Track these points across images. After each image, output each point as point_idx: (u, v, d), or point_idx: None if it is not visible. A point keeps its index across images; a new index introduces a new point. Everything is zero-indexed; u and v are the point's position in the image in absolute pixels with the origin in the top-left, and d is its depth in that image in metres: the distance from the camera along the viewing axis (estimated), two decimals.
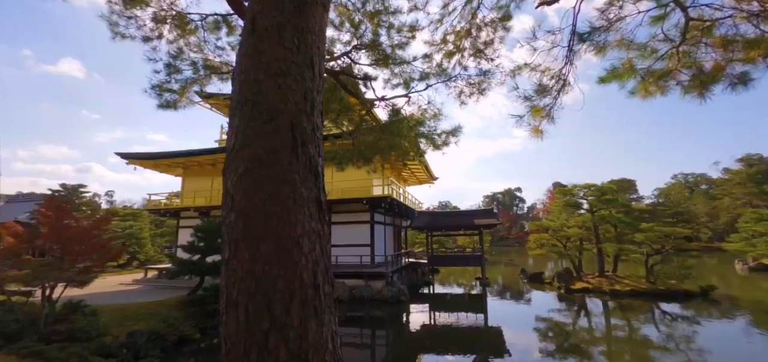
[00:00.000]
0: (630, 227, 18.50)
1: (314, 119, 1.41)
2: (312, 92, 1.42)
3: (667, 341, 10.12)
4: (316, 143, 1.39)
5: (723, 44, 3.02)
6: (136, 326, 9.87)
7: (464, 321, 13.29)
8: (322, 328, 1.20)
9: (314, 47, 1.48)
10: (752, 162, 56.88)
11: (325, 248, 1.33)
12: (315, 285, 1.22)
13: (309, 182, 1.31)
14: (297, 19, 1.45)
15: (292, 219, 1.23)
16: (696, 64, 3.26)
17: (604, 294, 16.60)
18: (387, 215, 20.38)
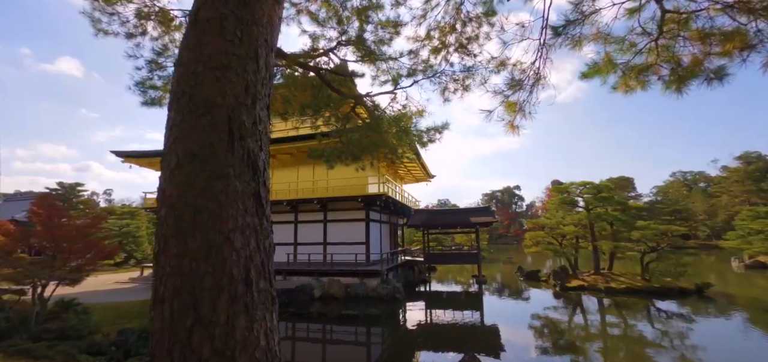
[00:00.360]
0: (626, 225, 18.50)
1: (256, 112, 1.38)
2: (255, 84, 1.39)
3: (661, 338, 10.12)
4: (257, 137, 1.36)
5: (700, 37, 2.99)
6: (128, 324, 9.86)
7: (459, 318, 13.29)
8: (254, 325, 1.17)
9: (260, 39, 1.44)
10: (750, 160, 56.90)
11: (264, 244, 1.31)
12: (247, 281, 1.19)
13: (246, 177, 1.28)
14: (242, 10, 1.42)
15: (224, 214, 1.20)
16: (674, 59, 3.23)
17: (599, 292, 16.61)
18: (383, 213, 20.37)
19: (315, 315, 13.73)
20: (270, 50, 1.52)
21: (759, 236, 24.32)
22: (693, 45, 3.06)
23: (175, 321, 1.11)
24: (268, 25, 1.50)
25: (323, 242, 18.31)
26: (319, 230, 18.48)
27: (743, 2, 2.51)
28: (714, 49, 3.05)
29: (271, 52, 1.54)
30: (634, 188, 68.24)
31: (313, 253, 18.12)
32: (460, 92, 4.80)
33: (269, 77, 1.50)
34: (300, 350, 10.37)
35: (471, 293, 18.38)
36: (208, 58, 1.33)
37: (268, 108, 1.48)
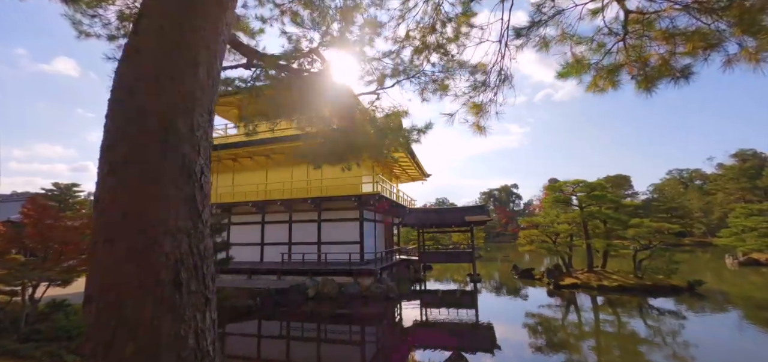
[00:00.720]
0: (619, 223, 18.60)
1: (194, 118, 1.41)
2: (193, 91, 1.42)
3: (649, 334, 10.21)
4: (194, 143, 1.40)
5: (665, 37, 3.03)
6: None
7: (452, 316, 13.35)
8: (182, 325, 1.21)
9: (200, 47, 1.48)
10: (746, 157, 57.22)
11: (198, 247, 1.34)
12: (175, 283, 1.23)
13: (180, 182, 1.31)
14: (184, 19, 1.46)
15: (153, 218, 1.24)
16: (641, 59, 3.28)
17: (591, 290, 16.71)
18: (377, 212, 20.42)
19: (309, 314, 13.78)
20: (213, 57, 1.55)
21: (752, 234, 24.45)
22: (659, 45, 3.10)
23: (101, 320, 1.15)
24: (211, 33, 1.54)
25: (318, 241, 18.35)
26: (314, 229, 18.51)
27: (701, 2, 2.56)
28: (679, 49, 3.09)
29: (215, 59, 1.57)
30: (631, 186, 68.46)
31: (307, 252, 18.16)
32: (439, 93, 4.85)
33: (212, 83, 1.54)
34: (288, 349, 10.42)
35: (465, 291, 18.46)
36: (145, 66, 1.36)
37: (210, 113, 1.52)
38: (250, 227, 19.61)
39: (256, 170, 20.20)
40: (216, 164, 20.59)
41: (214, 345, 1.35)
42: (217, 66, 1.61)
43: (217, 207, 19.54)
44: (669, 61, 3.17)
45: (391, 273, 18.91)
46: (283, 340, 11.22)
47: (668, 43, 2.94)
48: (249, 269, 17.78)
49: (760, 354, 8.74)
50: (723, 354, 8.74)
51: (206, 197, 1.44)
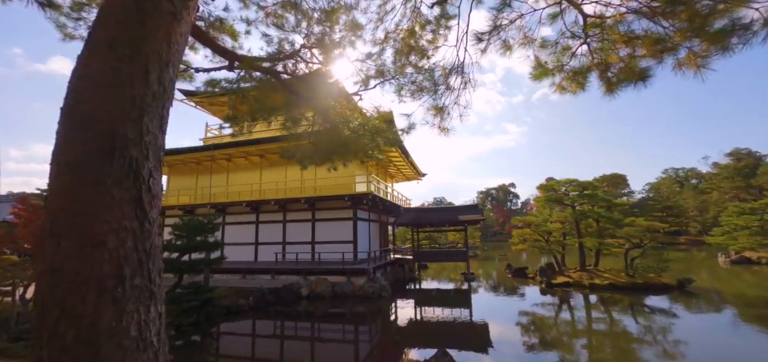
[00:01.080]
0: (611, 222, 18.75)
1: (143, 124, 1.50)
2: (143, 98, 1.51)
3: (635, 331, 10.36)
4: (142, 147, 1.49)
5: (624, 41, 3.13)
6: None
7: (444, 315, 13.45)
8: (123, 316, 1.30)
9: (152, 56, 1.57)
10: (740, 156, 57.58)
11: (143, 244, 1.44)
12: (118, 277, 1.32)
13: (126, 184, 1.40)
14: (135, 30, 1.55)
15: (98, 218, 1.33)
16: (604, 63, 3.38)
17: (583, 288, 16.86)
18: (371, 211, 20.51)
19: (302, 313, 13.86)
20: (165, 65, 1.64)
21: (744, 232, 24.66)
22: (619, 48, 3.20)
23: (46, 311, 1.24)
24: (164, 42, 1.63)
25: (311, 241, 18.43)
26: (308, 229, 18.60)
27: (649, 6, 2.65)
28: (638, 52, 3.19)
29: (167, 67, 1.66)
30: (627, 185, 68.80)
31: (301, 252, 18.25)
32: (417, 94, 4.95)
33: (164, 90, 1.63)
34: (276, 348, 10.50)
35: (459, 290, 18.58)
36: (94, 75, 1.45)
37: (161, 119, 1.61)
38: (244, 227, 19.67)
39: (250, 169, 20.26)
40: (211, 164, 20.63)
41: (160, 335, 1.44)
42: (171, 73, 1.70)
43: (211, 207, 19.61)
44: (629, 64, 3.26)
45: (385, 273, 19.00)
46: (272, 339, 11.29)
47: (627, 46, 3.04)
48: (243, 269, 17.85)
49: (743, 348, 8.88)
50: (708, 349, 8.87)
51: (154, 197, 1.53)
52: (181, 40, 1.78)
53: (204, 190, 20.82)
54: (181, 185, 21.51)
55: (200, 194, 20.81)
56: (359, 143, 6.46)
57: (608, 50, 3.11)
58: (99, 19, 1.59)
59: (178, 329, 10.97)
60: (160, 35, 1.61)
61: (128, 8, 1.58)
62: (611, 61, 3.14)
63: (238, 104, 6.71)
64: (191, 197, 20.87)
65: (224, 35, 5.63)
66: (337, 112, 6.17)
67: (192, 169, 21.45)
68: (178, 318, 11.21)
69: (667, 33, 2.68)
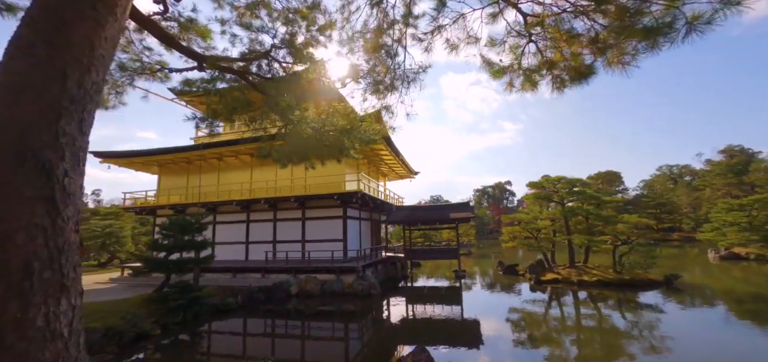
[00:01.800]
0: (600, 219, 18.90)
1: (59, 126, 1.56)
2: (59, 101, 1.58)
3: (617, 326, 10.50)
4: (57, 149, 1.55)
5: (566, 39, 3.21)
6: (95, 323, 9.97)
7: (431, 312, 13.56)
8: (30, 308, 1.37)
9: (70, 61, 1.63)
10: (733, 153, 57.99)
11: (56, 240, 1.50)
12: (27, 272, 1.39)
13: (38, 184, 1.47)
14: (54, 36, 1.61)
15: (8, 215, 1.40)
16: (551, 61, 3.45)
17: (571, 285, 17.00)
18: (362, 210, 20.58)
19: (291, 311, 13.92)
20: (87, 70, 1.70)
21: (733, 229, 24.90)
22: (561, 46, 3.28)
23: None
24: (85, 47, 1.69)
25: (302, 239, 18.49)
26: (298, 227, 18.66)
27: (580, 5, 2.73)
28: (580, 50, 3.26)
29: (89, 72, 1.72)
30: (622, 182, 69.18)
31: (291, 251, 18.30)
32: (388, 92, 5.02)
33: (85, 94, 1.69)
34: (265, 345, 10.57)
35: (449, 288, 18.69)
36: (10, 80, 1.51)
37: (81, 121, 1.67)
38: (235, 226, 19.71)
39: (241, 168, 20.28)
40: (201, 163, 20.63)
41: (72, 326, 1.51)
42: (94, 76, 1.76)
43: (201, 206, 19.62)
44: (573, 63, 3.34)
45: (376, 271, 19.08)
46: (260, 337, 11.35)
47: (569, 44, 3.12)
48: (234, 268, 17.89)
49: (718, 339, 9.01)
50: (686, 344, 8.98)
51: (70, 196, 1.59)
52: (107, 44, 1.84)
53: (195, 189, 20.83)
54: (172, 184, 21.50)
55: (191, 193, 20.81)
56: (334, 143, 6.53)
57: (553, 48, 3.19)
58: (21, 24, 1.65)
59: (165, 328, 11.01)
60: (80, 41, 1.67)
61: (49, 14, 1.64)
62: (556, 60, 3.22)
63: (214, 103, 6.76)
64: (182, 197, 20.88)
65: (197, 37, 5.68)
66: (315, 112, 6.24)
67: (183, 168, 21.44)
68: (164, 317, 11.25)
69: (602, 31, 2.76)
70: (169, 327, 11.18)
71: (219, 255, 19.62)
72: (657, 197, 56.62)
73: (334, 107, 6.61)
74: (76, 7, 1.71)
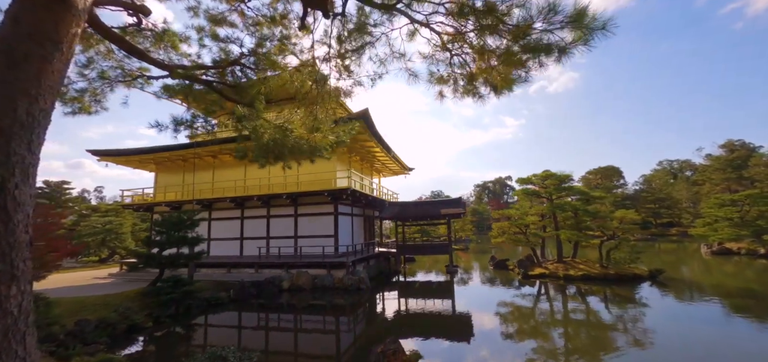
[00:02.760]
0: (588, 214, 19.17)
1: (11, 148, 1.91)
2: (11, 128, 1.93)
3: (591, 318, 10.85)
4: (9, 167, 1.89)
5: (479, 53, 3.53)
6: (90, 316, 10.46)
7: (419, 306, 13.92)
8: None
9: (19, 93, 1.97)
10: (734, 148, 57.65)
11: (8, 239, 1.86)
12: None
13: None
14: (5, 73, 1.97)
15: None
16: (469, 73, 3.77)
17: (558, 279, 17.35)
18: (355, 206, 20.96)
19: (283, 305, 14.35)
20: (35, 99, 2.06)
21: (724, 224, 25.08)
22: (479, 59, 3.61)
23: None
24: (34, 81, 2.05)
25: (294, 235, 18.93)
26: (291, 224, 19.09)
27: (487, 25, 3.05)
28: (493, 62, 3.59)
29: (38, 101, 2.08)
30: (621, 177, 69.03)
31: (284, 246, 18.75)
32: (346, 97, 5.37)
33: (33, 120, 2.05)
34: (252, 337, 11.02)
35: (439, 282, 19.09)
36: None
37: (30, 143, 2.03)
38: (230, 222, 20.18)
39: (235, 166, 20.70)
40: (197, 161, 21.06)
41: (21, 307, 1.88)
42: (42, 104, 2.12)
43: (197, 203, 20.10)
44: (499, 71, 3.66)
45: (368, 266, 19.50)
46: (248, 330, 11.79)
47: (482, 59, 3.45)
48: (228, 264, 18.38)
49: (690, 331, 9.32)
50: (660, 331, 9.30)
51: (20, 205, 1.96)
52: (56, 75, 2.20)
53: (191, 186, 21.30)
54: (168, 181, 21.99)
55: (187, 190, 21.28)
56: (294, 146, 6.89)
57: (472, 62, 3.52)
58: None
59: (157, 320, 11.49)
60: (29, 76, 2.03)
61: (0, 55, 2.01)
62: (476, 73, 3.56)
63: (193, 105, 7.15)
64: (178, 194, 21.36)
65: (170, 48, 6.04)
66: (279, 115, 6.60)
67: (179, 166, 21.91)
68: (157, 310, 11.72)
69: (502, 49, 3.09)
70: (161, 320, 11.66)
71: (214, 251, 20.12)
72: (656, 192, 56.60)
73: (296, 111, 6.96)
74: (25, 48, 2.07)
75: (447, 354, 8.63)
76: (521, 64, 2.92)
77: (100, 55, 6.25)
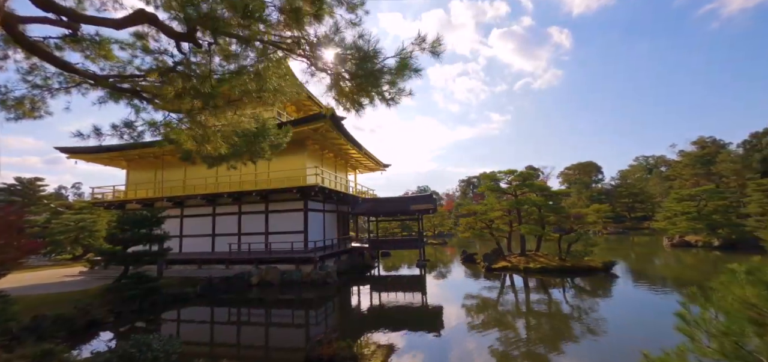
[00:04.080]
0: (549, 210, 20.01)
1: None
2: None
3: (535, 306, 11.59)
4: None
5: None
6: (49, 312, 10.68)
7: (385, 299, 14.39)
8: None
9: None
10: (705, 144, 59.86)
11: None
12: None
13: None
14: None
15: None
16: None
17: (518, 271, 18.16)
18: (327, 202, 21.37)
19: (252, 300, 14.70)
20: None
21: (682, 218, 26.34)
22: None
23: None
24: None
25: (265, 231, 19.26)
26: (262, 220, 19.40)
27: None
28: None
29: None
30: (600, 172, 70.94)
31: (255, 242, 19.07)
32: None
33: None
34: (203, 331, 11.40)
35: (411, 276, 19.70)
36: None
37: None
38: (202, 219, 20.37)
39: None
40: (168, 159, 21.11)
41: None
42: None
43: (168, 200, 20.22)
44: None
45: (339, 260, 19.99)
46: (207, 324, 12.11)
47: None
48: (199, 260, 18.62)
49: (630, 316, 10.08)
50: (596, 314, 10.03)
51: None
52: None
53: (162, 184, 21.36)
54: (140, 179, 22.00)
55: (159, 187, 21.34)
56: (244, 146, 7.30)
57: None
58: None
59: (119, 316, 11.75)
60: None
61: None
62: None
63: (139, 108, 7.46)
64: (150, 191, 21.40)
65: (103, 58, 6.36)
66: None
67: (151, 163, 21.91)
68: (119, 306, 11.98)
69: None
70: (124, 316, 11.93)
71: (186, 248, 20.31)
72: (630, 187, 58.43)
73: (238, 115, 7.34)
74: None
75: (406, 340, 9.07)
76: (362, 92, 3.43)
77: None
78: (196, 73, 6.67)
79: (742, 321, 2.46)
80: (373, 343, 8.90)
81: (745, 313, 2.53)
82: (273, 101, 6.21)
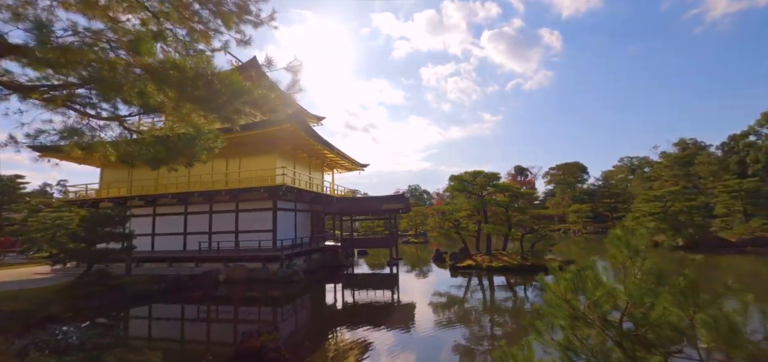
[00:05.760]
0: (516, 210, 20.62)
1: None
2: None
3: (488, 299, 12.15)
4: None
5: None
6: (6, 307, 11.01)
7: (353, 296, 14.82)
8: None
9: None
10: (686, 146, 61.17)
11: None
12: None
13: None
14: None
15: None
16: None
17: (482, 270, 18.75)
18: (299, 202, 21.78)
19: (219, 297, 15.05)
20: None
21: (649, 218, 27.15)
22: None
23: None
24: None
25: (235, 230, 19.64)
26: (232, 219, 19.79)
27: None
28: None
29: None
30: (585, 172, 71.99)
31: (226, 241, 19.44)
32: None
33: None
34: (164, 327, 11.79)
35: (383, 274, 20.19)
36: None
37: None
38: (173, 218, 20.69)
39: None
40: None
41: None
42: None
43: (141, 199, 20.51)
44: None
45: (310, 259, 20.43)
46: (168, 321, 12.50)
47: None
48: (170, 258, 18.95)
49: None
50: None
51: None
52: None
53: (138, 182, 21.63)
54: (114, 177, 22.25)
55: (135, 186, 21.61)
56: (183, 148, 7.74)
57: None
58: None
59: (78, 312, 12.09)
60: None
61: None
62: None
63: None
64: (123, 190, 21.66)
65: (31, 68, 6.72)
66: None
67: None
68: (80, 303, 12.32)
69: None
70: (85, 312, 12.26)
71: (158, 246, 20.63)
72: (613, 187, 59.50)
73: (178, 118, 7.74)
74: None
75: (351, 334, 9.58)
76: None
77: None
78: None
79: (564, 316, 2.88)
80: (316, 335, 9.39)
81: (564, 309, 2.99)
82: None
